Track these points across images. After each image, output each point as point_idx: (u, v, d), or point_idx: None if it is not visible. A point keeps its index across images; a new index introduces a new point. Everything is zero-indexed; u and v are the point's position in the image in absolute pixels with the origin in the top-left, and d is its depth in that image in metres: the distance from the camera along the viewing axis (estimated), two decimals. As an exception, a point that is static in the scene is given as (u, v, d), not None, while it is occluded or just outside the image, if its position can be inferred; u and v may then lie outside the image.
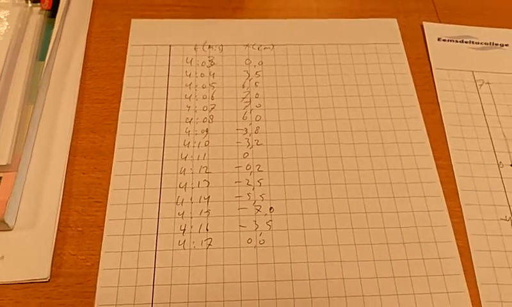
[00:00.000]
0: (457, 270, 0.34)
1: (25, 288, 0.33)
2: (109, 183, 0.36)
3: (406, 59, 0.43)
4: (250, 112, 0.40)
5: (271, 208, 0.36)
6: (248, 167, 0.37)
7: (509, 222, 0.36)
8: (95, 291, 0.33)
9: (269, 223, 0.35)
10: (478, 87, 0.42)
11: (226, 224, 0.35)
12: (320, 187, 0.37)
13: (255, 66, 0.42)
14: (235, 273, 0.33)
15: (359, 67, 0.43)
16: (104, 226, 0.35)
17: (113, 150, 0.38)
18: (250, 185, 0.37)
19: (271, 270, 0.34)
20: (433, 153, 0.39)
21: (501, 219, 0.36)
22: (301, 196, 0.36)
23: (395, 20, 0.46)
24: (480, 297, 0.33)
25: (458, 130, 0.40)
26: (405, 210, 0.36)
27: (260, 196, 0.36)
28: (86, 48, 0.42)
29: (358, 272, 0.34)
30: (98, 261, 0.34)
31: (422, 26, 0.45)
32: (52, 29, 0.42)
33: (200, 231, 0.35)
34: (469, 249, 0.35)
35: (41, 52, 0.41)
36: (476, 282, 0.34)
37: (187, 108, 0.40)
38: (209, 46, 0.43)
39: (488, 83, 0.42)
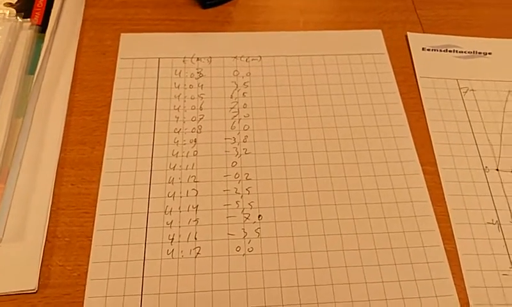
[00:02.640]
0: (446, 274, 0.34)
1: (13, 299, 0.32)
2: (98, 194, 0.37)
3: (391, 68, 0.44)
4: (238, 122, 0.40)
5: (259, 215, 0.36)
6: (237, 176, 0.38)
7: (496, 225, 0.36)
8: (83, 302, 0.32)
9: (258, 230, 0.35)
10: (462, 94, 0.43)
11: (214, 233, 0.35)
12: (308, 194, 0.37)
13: (242, 77, 0.43)
14: (224, 281, 0.33)
15: (345, 77, 0.43)
16: (92, 237, 0.35)
17: (102, 161, 0.38)
18: (239, 193, 0.37)
19: (259, 277, 0.34)
20: (419, 159, 0.39)
21: (488, 223, 0.36)
22: (289, 203, 0.37)
23: (379, 31, 0.47)
24: (469, 300, 0.33)
25: (444, 137, 0.40)
26: (392, 215, 0.36)
27: (249, 204, 0.37)
28: (75, 62, 0.43)
29: (347, 277, 0.34)
30: (86, 272, 0.33)
31: (406, 36, 0.46)
32: (42, 44, 0.42)
33: (189, 240, 0.35)
34: (457, 253, 0.35)
35: (31, 66, 0.41)
36: (465, 285, 0.34)
37: (176, 119, 0.40)
38: (198, 58, 0.44)
39: (473, 90, 0.43)
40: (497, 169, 0.39)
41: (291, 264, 0.34)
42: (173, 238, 0.35)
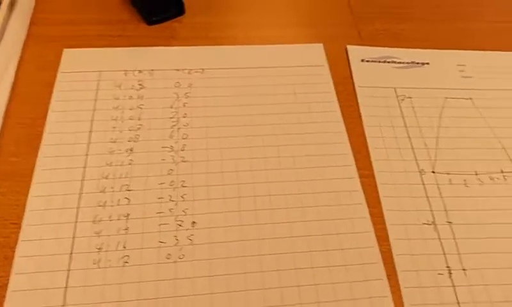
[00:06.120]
0: (380, 275, 0.34)
1: None
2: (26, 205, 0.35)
3: (331, 79, 0.45)
4: (177, 131, 0.40)
5: (193, 222, 0.35)
6: (172, 183, 0.37)
7: (432, 226, 0.36)
8: (1, 316, 0.31)
9: (191, 237, 0.35)
10: (400, 101, 0.43)
11: (145, 241, 0.34)
12: (244, 199, 0.37)
13: (184, 88, 0.43)
14: (152, 290, 0.32)
15: (285, 87, 0.44)
16: (15, 248, 0.33)
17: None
18: (173, 200, 0.36)
19: (189, 284, 0.32)
20: (356, 164, 0.39)
21: (424, 224, 0.36)
22: (225, 209, 0.36)
23: (321, 44, 0.48)
24: (404, 300, 0.33)
25: (380, 142, 0.40)
26: (328, 218, 0.36)
27: (183, 211, 0.36)
28: (15, 76, 0.43)
29: (279, 281, 0.33)
30: (7, 283, 0.32)
31: (346, 49, 0.47)
32: (-20, 58, 0.42)
33: (117, 249, 0.34)
34: (392, 253, 0.35)
35: (-33, 80, 0.41)
36: (400, 286, 0.33)
37: (113, 129, 0.40)
38: (139, 71, 0.44)
39: (410, 98, 0.44)
40: (433, 172, 0.39)
41: (223, 270, 0.33)
42: (100, 248, 0.34)
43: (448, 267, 0.35)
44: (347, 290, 0.33)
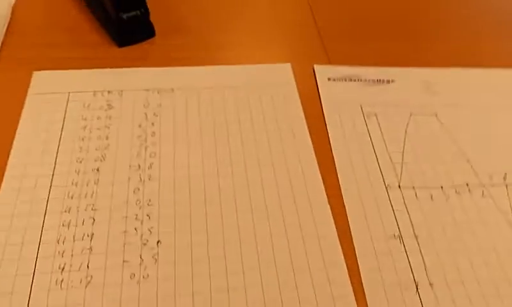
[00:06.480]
0: (347, 291, 0.33)
1: None
2: (-12, 227, 0.35)
3: (299, 98, 0.46)
4: (145, 149, 0.40)
5: (158, 241, 0.35)
6: (138, 202, 0.37)
7: (398, 239, 0.36)
8: (-44, 343, 0.30)
9: (155, 256, 0.34)
10: (366, 118, 0.44)
11: (108, 261, 0.34)
12: (211, 218, 0.36)
13: (153, 107, 0.43)
14: (115, 310, 0.32)
15: (254, 106, 0.45)
16: (-25, 271, 0.33)
17: None
18: (138, 219, 0.36)
19: (153, 304, 0.32)
20: (324, 181, 0.39)
21: (390, 238, 0.36)
22: (191, 227, 0.36)
23: (289, 64, 0.49)
24: (370, 315, 0.33)
25: (347, 158, 0.41)
26: (295, 237, 0.36)
27: (149, 229, 0.36)
28: (-17, 99, 0.43)
29: (245, 299, 0.32)
30: (-36, 308, 0.31)
31: (313, 69, 0.48)
32: None
33: (80, 269, 0.33)
34: (358, 269, 0.35)
35: None
36: (367, 302, 0.33)
37: (80, 149, 0.40)
38: (109, 91, 0.44)
39: (376, 114, 0.45)
40: (399, 186, 0.40)
41: (188, 289, 0.33)
42: (63, 268, 0.33)
43: (415, 281, 0.35)
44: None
